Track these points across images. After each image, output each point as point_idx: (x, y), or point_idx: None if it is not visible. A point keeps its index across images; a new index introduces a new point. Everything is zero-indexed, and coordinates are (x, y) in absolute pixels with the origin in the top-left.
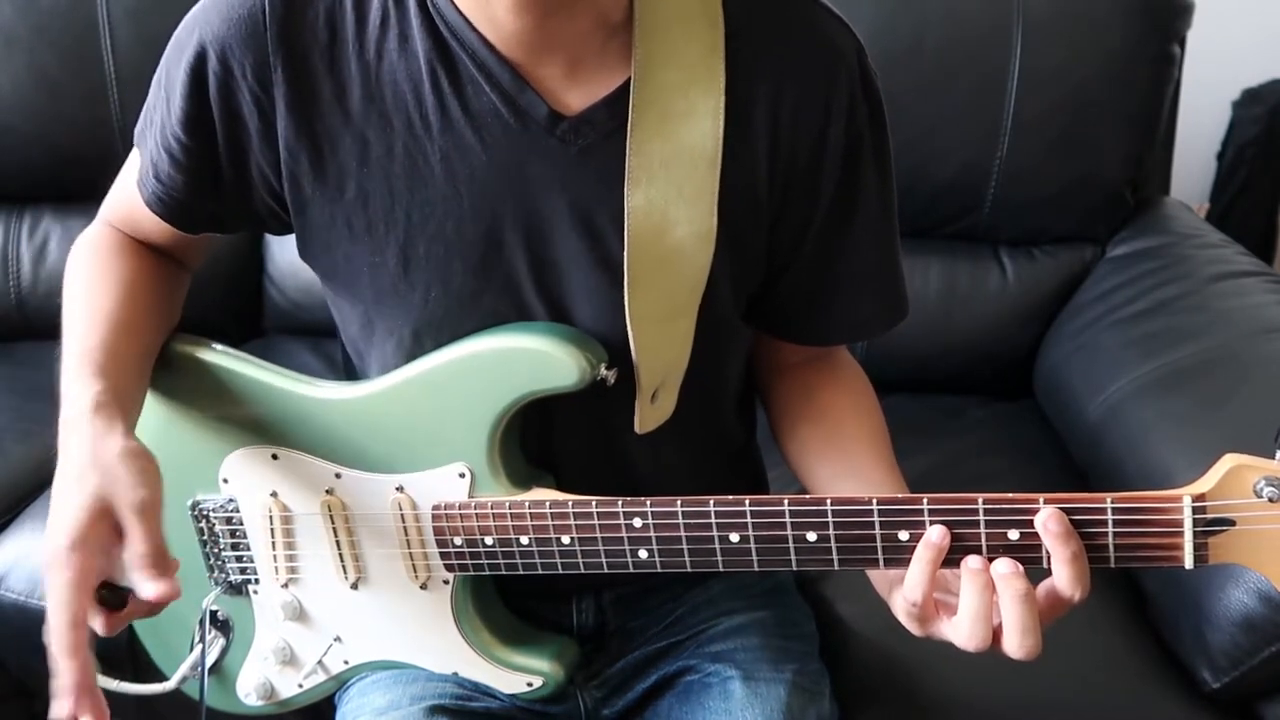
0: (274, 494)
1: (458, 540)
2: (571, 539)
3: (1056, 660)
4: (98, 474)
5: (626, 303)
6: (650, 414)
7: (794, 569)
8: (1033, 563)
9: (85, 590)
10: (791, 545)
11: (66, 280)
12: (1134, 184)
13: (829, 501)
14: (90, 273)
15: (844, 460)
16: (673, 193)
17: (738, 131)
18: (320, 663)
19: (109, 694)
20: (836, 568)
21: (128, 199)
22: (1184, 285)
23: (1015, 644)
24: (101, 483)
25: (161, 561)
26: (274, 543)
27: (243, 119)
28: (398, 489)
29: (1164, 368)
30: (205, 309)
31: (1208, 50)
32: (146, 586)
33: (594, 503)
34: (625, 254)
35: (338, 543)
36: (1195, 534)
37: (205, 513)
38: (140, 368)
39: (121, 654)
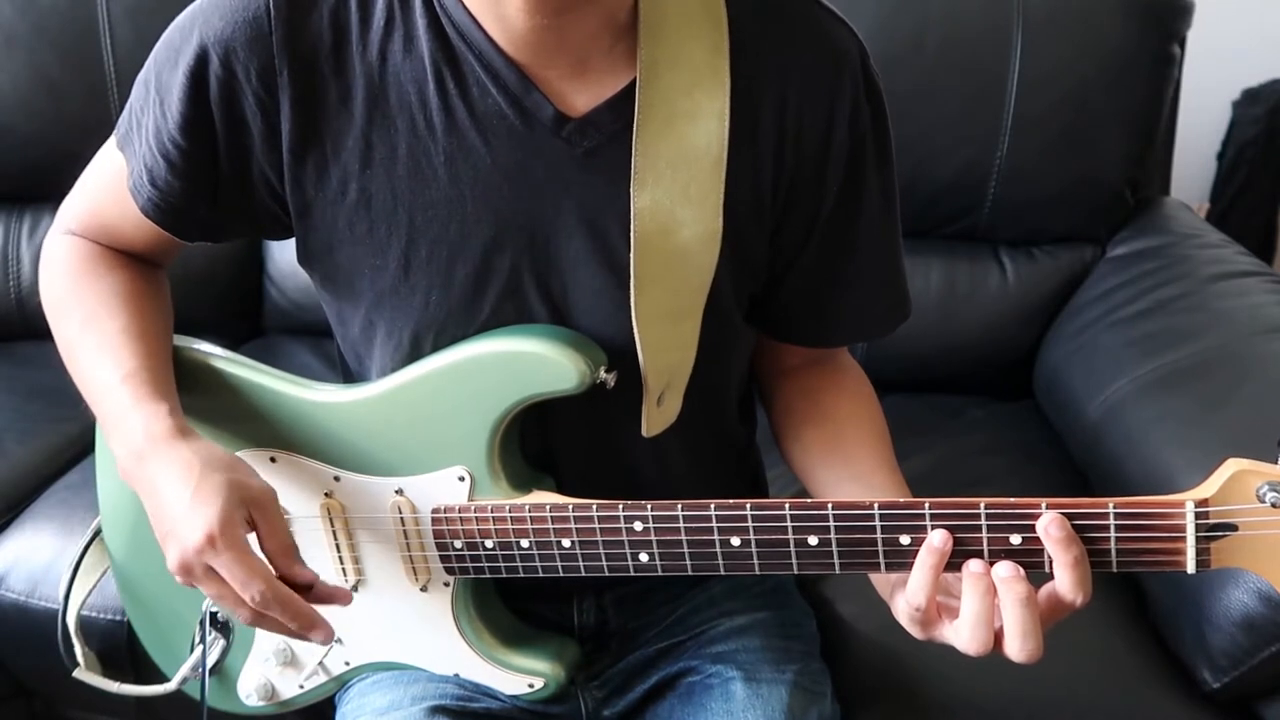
0: None
1: (458, 543)
2: (572, 542)
3: (1057, 660)
4: (223, 471)
5: (633, 304)
6: (657, 417)
7: (795, 573)
8: (1034, 567)
9: (253, 555)
10: (793, 549)
11: (54, 304)
12: (1134, 184)
13: (830, 506)
14: (86, 294)
15: (846, 464)
16: (679, 194)
17: (743, 133)
18: (321, 664)
19: (110, 695)
20: (838, 571)
21: (102, 203)
22: (1184, 285)
23: (1016, 647)
24: (231, 478)
25: (293, 552)
26: None
27: (245, 122)
28: (397, 492)
29: (1164, 368)
30: (205, 309)
31: (1208, 50)
32: (298, 576)
33: (594, 506)
34: (632, 255)
35: (337, 545)
36: (1198, 539)
37: None
38: (173, 378)
39: (122, 655)
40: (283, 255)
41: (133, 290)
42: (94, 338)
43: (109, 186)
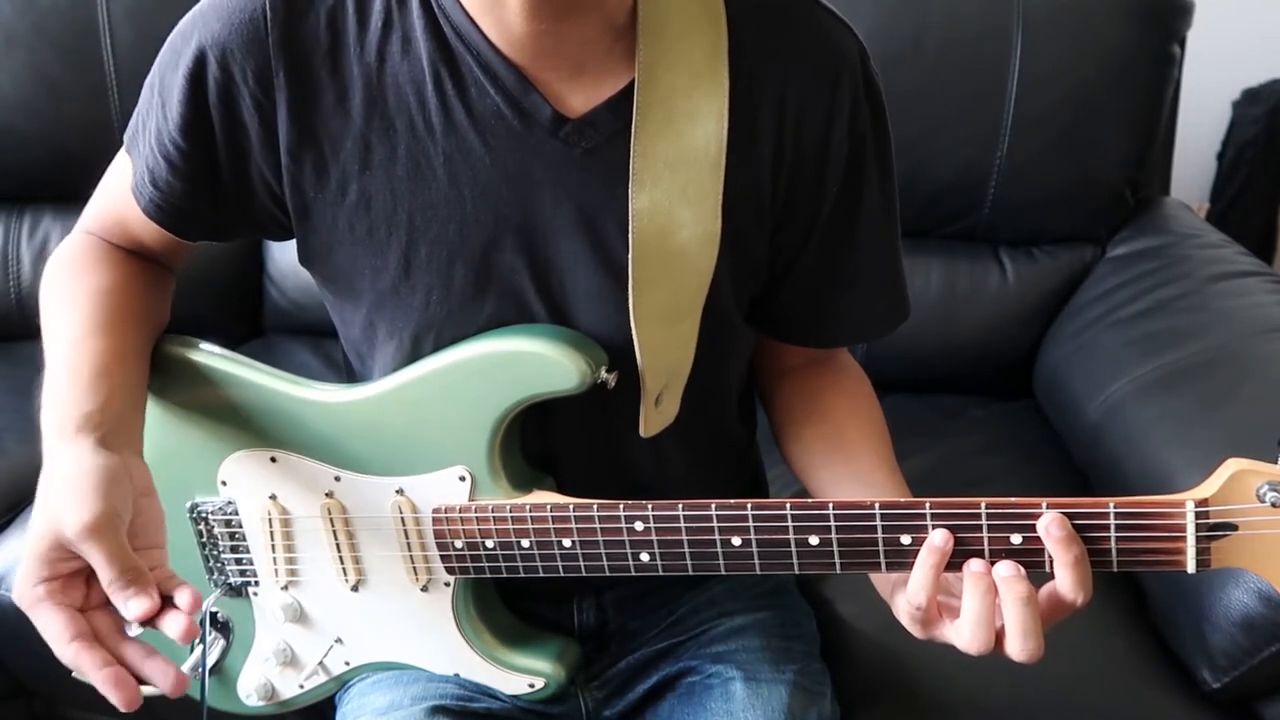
0: (273, 496)
1: (458, 543)
2: (573, 542)
3: (1057, 660)
4: (44, 506)
5: (631, 305)
6: (655, 418)
7: (796, 572)
8: (1035, 567)
9: (68, 612)
10: (794, 549)
11: (42, 295)
12: (1134, 184)
13: (831, 505)
14: (65, 284)
15: (846, 464)
16: (677, 194)
17: (742, 133)
18: (321, 664)
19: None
20: (839, 571)
21: (115, 205)
22: (1184, 285)
23: (1017, 647)
24: (47, 517)
25: (131, 578)
26: (273, 545)
27: (243, 123)
28: (398, 492)
29: (1164, 368)
30: (205, 309)
31: (1208, 50)
32: (126, 608)
33: (595, 506)
34: (630, 256)
35: (338, 545)
36: (1198, 539)
37: (204, 515)
38: (122, 371)
39: None
40: (283, 255)
41: (112, 284)
42: (54, 329)
43: (118, 188)
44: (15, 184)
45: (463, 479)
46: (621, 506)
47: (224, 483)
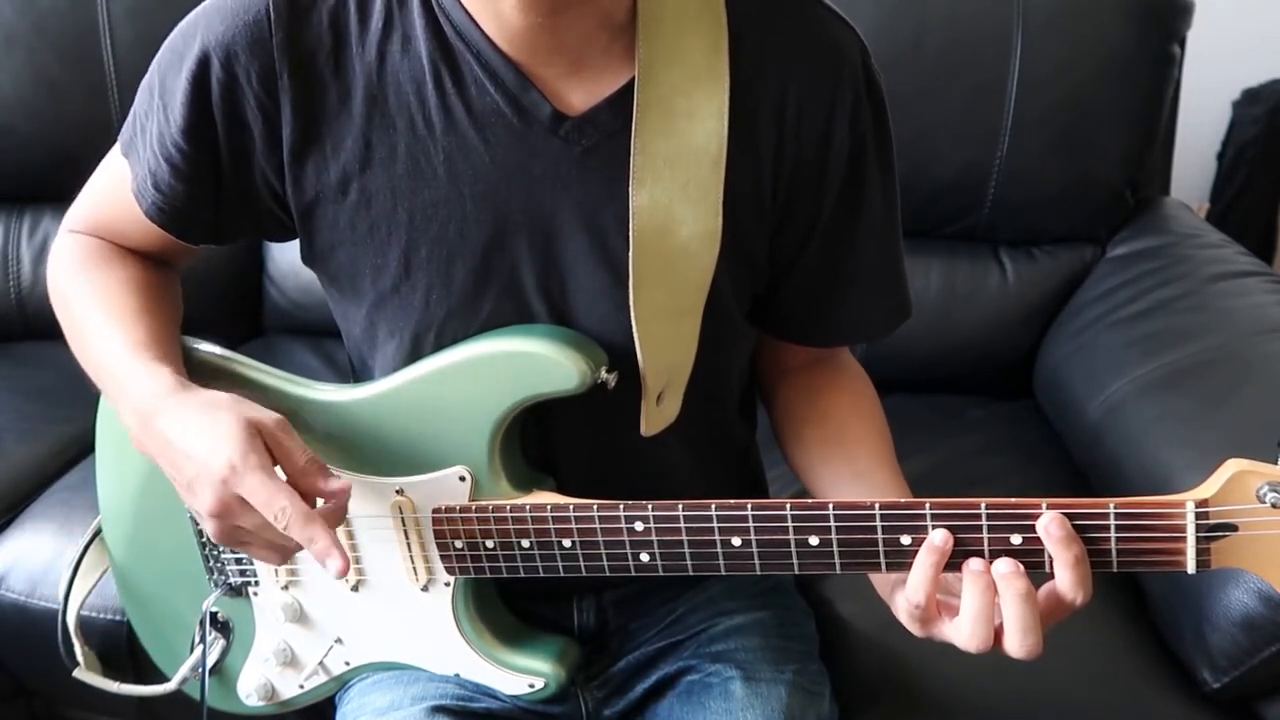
0: None
1: (458, 543)
2: (573, 542)
3: (1056, 659)
4: (229, 408)
5: (632, 303)
6: (656, 416)
7: (796, 573)
8: (1035, 567)
9: (276, 476)
10: (794, 549)
11: (61, 291)
12: (1134, 184)
13: (831, 506)
14: (95, 279)
15: (847, 464)
16: (677, 192)
17: (742, 132)
18: (321, 664)
19: (110, 695)
20: (839, 571)
21: (107, 208)
22: (1184, 285)
23: (1016, 643)
24: (239, 411)
25: (319, 466)
26: None
27: (247, 125)
28: (398, 492)
29: (1164, 368)
30: (205, 309)
31: (1208, 50)
32: (329, 487)
33: (595, 506)
34: (630, 254)
35: None
36: (1198, 539)
37: None
38: (179, 353)
39: (123, 655)
40: (283, 255)
41: (141, 279)
42: (101, 316)
43: (113, 191)
44: (15, 184)
45: (463, 479)
46: (621, 507)
47: None
